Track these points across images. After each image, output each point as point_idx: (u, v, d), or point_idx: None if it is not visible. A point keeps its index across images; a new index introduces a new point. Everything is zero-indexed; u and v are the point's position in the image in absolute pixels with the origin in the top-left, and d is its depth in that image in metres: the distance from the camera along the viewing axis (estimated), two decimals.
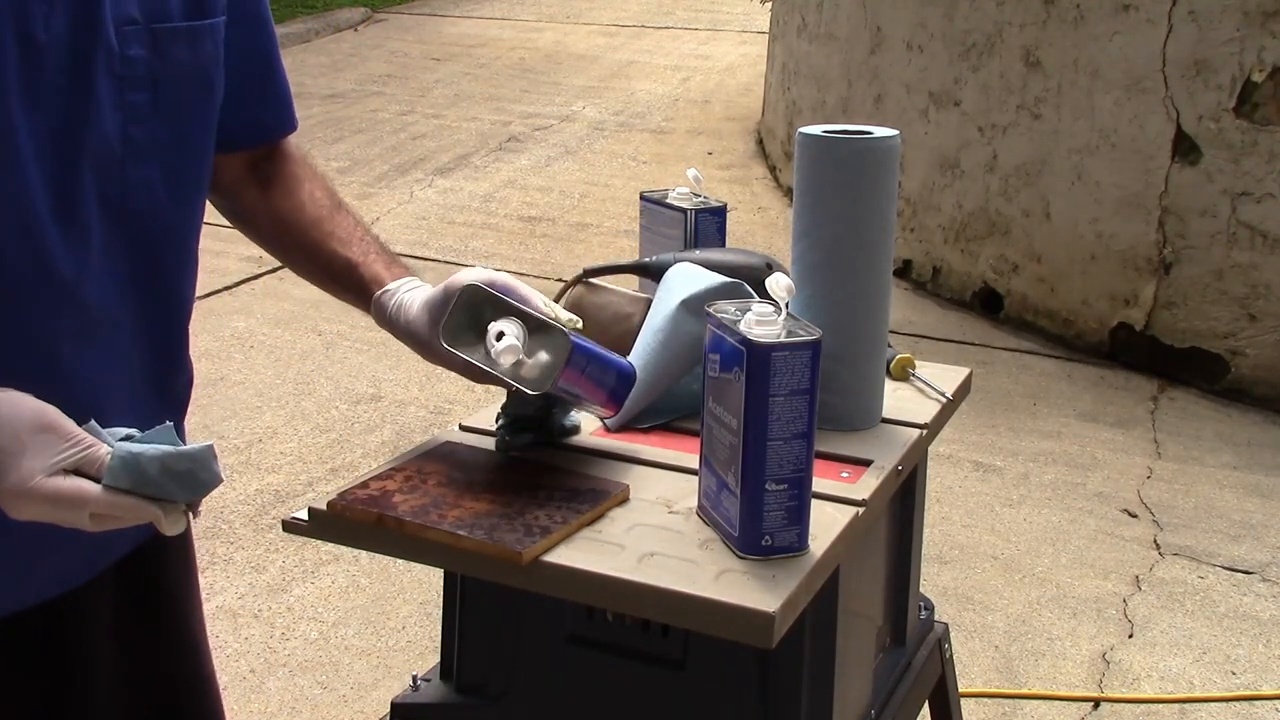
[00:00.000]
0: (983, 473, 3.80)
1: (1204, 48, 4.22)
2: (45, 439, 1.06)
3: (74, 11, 1.11)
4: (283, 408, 4.14)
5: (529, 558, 1.17)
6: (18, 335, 1.14)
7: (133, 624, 1.37)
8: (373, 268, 1.41)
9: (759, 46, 8.71)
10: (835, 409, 1.47)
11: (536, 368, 1.26)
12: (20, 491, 1.05)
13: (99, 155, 1.15)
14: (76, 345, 1.18)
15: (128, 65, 1.16)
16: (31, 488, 1.05)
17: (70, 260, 1.15)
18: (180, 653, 1.46)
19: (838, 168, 1.44)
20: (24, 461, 1.05)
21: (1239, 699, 2.78)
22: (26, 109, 1.10)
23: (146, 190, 1.21)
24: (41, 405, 1.08)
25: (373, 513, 1.24)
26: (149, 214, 1.22)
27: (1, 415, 1.06)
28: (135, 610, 1.37)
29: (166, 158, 1.22)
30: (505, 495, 1.28)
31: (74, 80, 1.12)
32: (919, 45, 5.23)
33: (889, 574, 1.63)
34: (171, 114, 1.21)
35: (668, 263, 1.68)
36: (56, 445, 1.06)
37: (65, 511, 1.06)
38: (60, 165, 1.13)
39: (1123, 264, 4.55)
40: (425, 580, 3.12)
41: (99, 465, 1.07)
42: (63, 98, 1.12)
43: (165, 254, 1.26)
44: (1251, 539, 3.45)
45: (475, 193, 6.55)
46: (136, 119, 1.18)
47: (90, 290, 1.18)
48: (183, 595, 1.46)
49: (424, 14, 11.21)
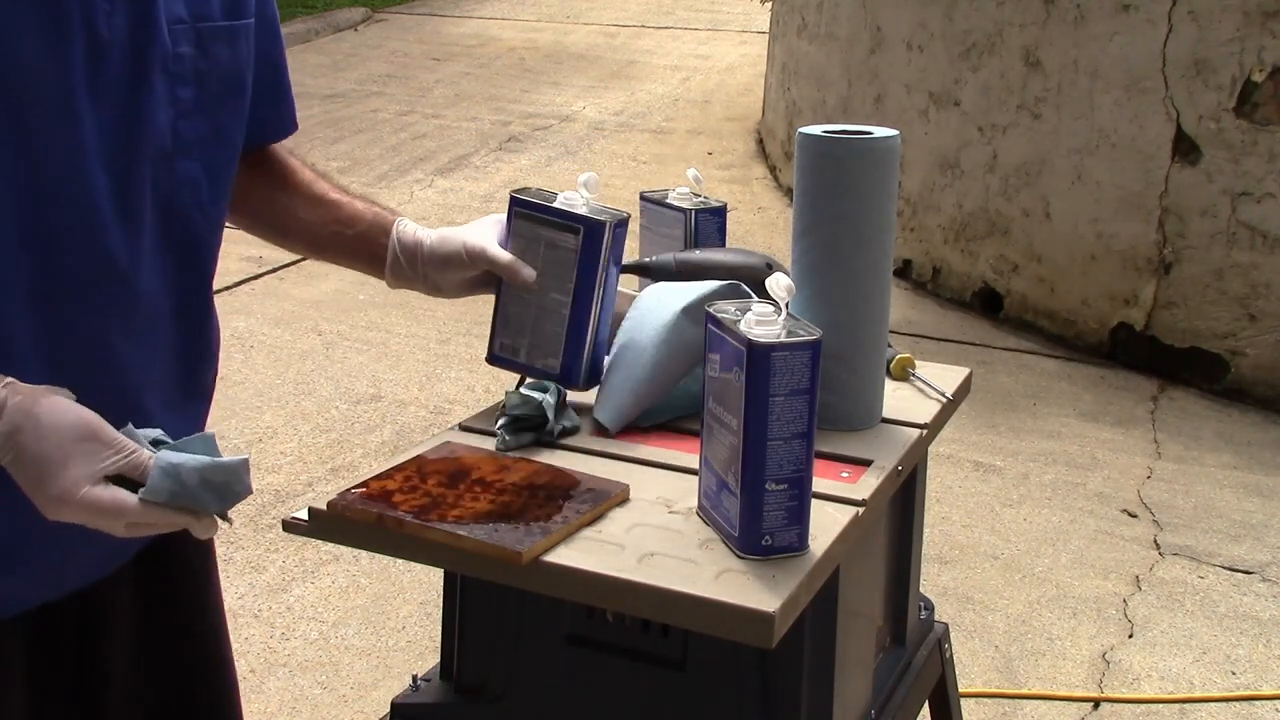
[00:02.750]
0: (983, 473, 3.80)
1: (1204, 48, 4.22)
2: (89, 447, 1.09)
3: (133, 10, 1.15)
4: (283, 408, 4.15)
5: (529, 558, 1.17)
6: (78, 326, 1.18)
7: (153, 610, 1.39)
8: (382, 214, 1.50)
9: (759, 46, 8.71)
10: (835, 409, 1.47)
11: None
12: (63, 500, 1.08)
13: (153, 150, 1.20)
14: (127, 337, 1.22)
15: (177, 62, 1.20)
16: (74, 498, 1.08)
17: (126, 253, 1.19)
18: (200, 638, 1.48)
19: (838, 168, 1.44)
20: (68, 470, 1.08)
21: (1239, 699, 2.78)
22: (92, 104, 1.13)
23: (191, 184, 1.25)
24: (84, 412, 1.10)
25: (373, 512, 1.24)
26: (194, 207, 1.27)
27: (45, 424, 1.08)
28: (155, 597, 1.39)
29: (208, 153, 1.27)
30: (505, 495, 1.28)
31: (133, 76, 1.16)
32: (919, 45, 5.23)
33: (889, 574, 1.63)
34: (212, 111, 1.26)
35: (667, 263, 1.68)
36: (100, 453, 1.09)
37: (103, 520, 1.10)
38: (119, 160, 1.17)
39: (1123, 264, 4.55)
40: (425, 580, 3.12)
41: (142, 470, 1.10)
42: (123, 93, 1.16)
43: (204, 247, 1.31)
44: (1251, 539, 3.45)
45: (475, 193, 6.55)
46: (183, 114, 1.22)
47: (142, 282, 1.22)
48: (202, 582, 1.48)
49: (424, 14, 11.21)
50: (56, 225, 1.14)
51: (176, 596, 1.43)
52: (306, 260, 5.59)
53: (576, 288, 1.44)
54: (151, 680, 1.40)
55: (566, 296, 1.45)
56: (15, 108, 1.09)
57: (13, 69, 1.08)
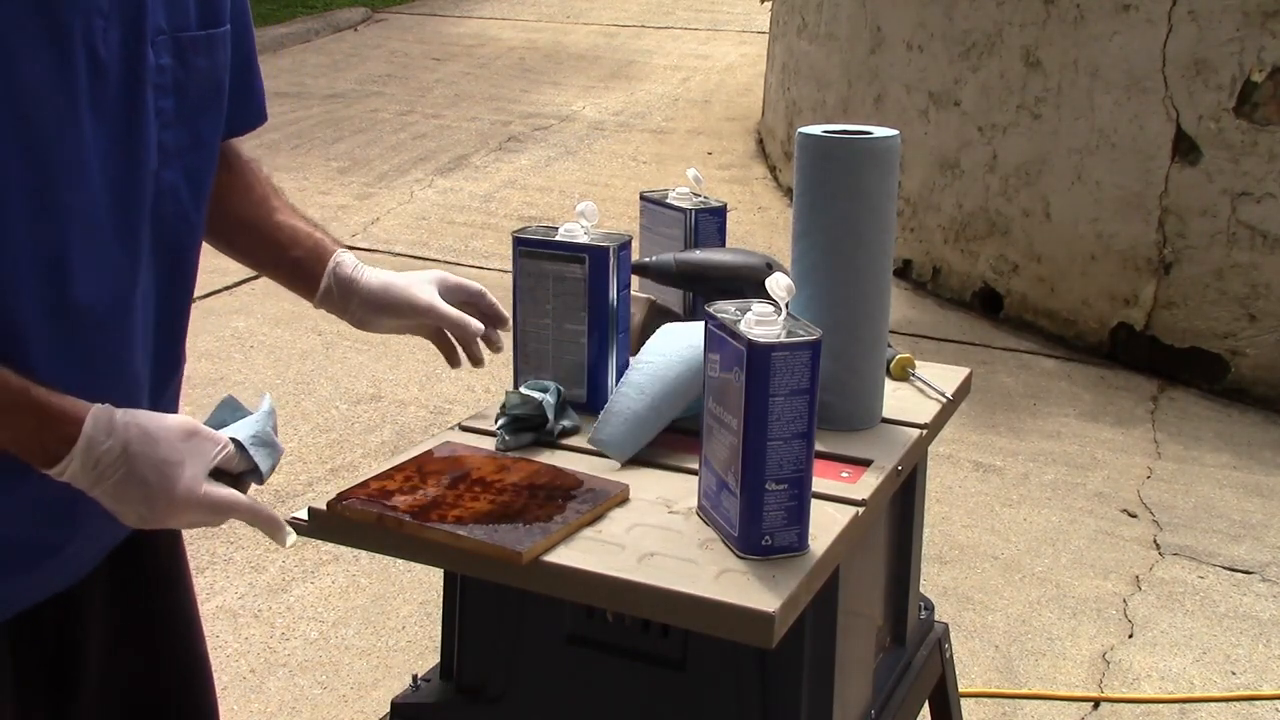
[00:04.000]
0: (983, 473, 3.80)
1: (1204, 48, 4.22)
2: (196, 444, 1.13)
3: (124, 26, 1.16)
4: (283, 408, 4.14)
5: (529, 558, 1.17)
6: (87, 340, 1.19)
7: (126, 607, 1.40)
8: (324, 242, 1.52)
9: (759, 46, 8.71)
10: (835, 409, 1.47)
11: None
12: (189, 500, 1.11)
13: (144, 163, 1.20)
14: (131, 350, 1.24)
15: (159, 74, 1.21)
16: (198, 495, 1.12)
17: (126, 267, 1.20)
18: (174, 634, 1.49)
19: (838, 168, 1.44)
20: (186, 470, 1.12)
21: (1239, 699, 2.78)
22: (94, 123, 1.15)
23: (173, 194, 1.26)
24: (177, 414, 1.15)
25: (372, 513, 1.24)
26: (176, 216, 1.27)
27: (154, 429, 1.12)
28: (128, 594, 1.40)
29: (188, 161, 1.27)
30: (505, 495, 1.28)
31: (128, 92, 1.17)
32: (919, 45, 5.23)
33: (889, 574, 1.63)
34: (190, 119, 1.26)
35: (668, 263, 1.68)
36: (203, 447, 1.14)
37: (218, 516, 1.14)
38: (118, 175, 1.18)
39: (1123, 264, 4.55)
40: (425, 580, 3.12)
41: (234, 459, 1.16)
42: (120, 109, 1.17)
43: (186, 254, 1.32)
44: (1251, 539, 3.45)
45: (475, 193, 6.55)
46: (165, 125, 1.23)
47: (138, 295, 1.23)
48: (174, 577, 1.49)
49: (424, 14, 11.21)
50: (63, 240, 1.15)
51: (149, 591, 1.44)
52: None
53: (590, 315, 1.48)
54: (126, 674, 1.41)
55: (581, 325, 1.48)
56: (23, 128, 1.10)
57: (20, 90, 1.09)
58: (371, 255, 5.52)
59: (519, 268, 1.51)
